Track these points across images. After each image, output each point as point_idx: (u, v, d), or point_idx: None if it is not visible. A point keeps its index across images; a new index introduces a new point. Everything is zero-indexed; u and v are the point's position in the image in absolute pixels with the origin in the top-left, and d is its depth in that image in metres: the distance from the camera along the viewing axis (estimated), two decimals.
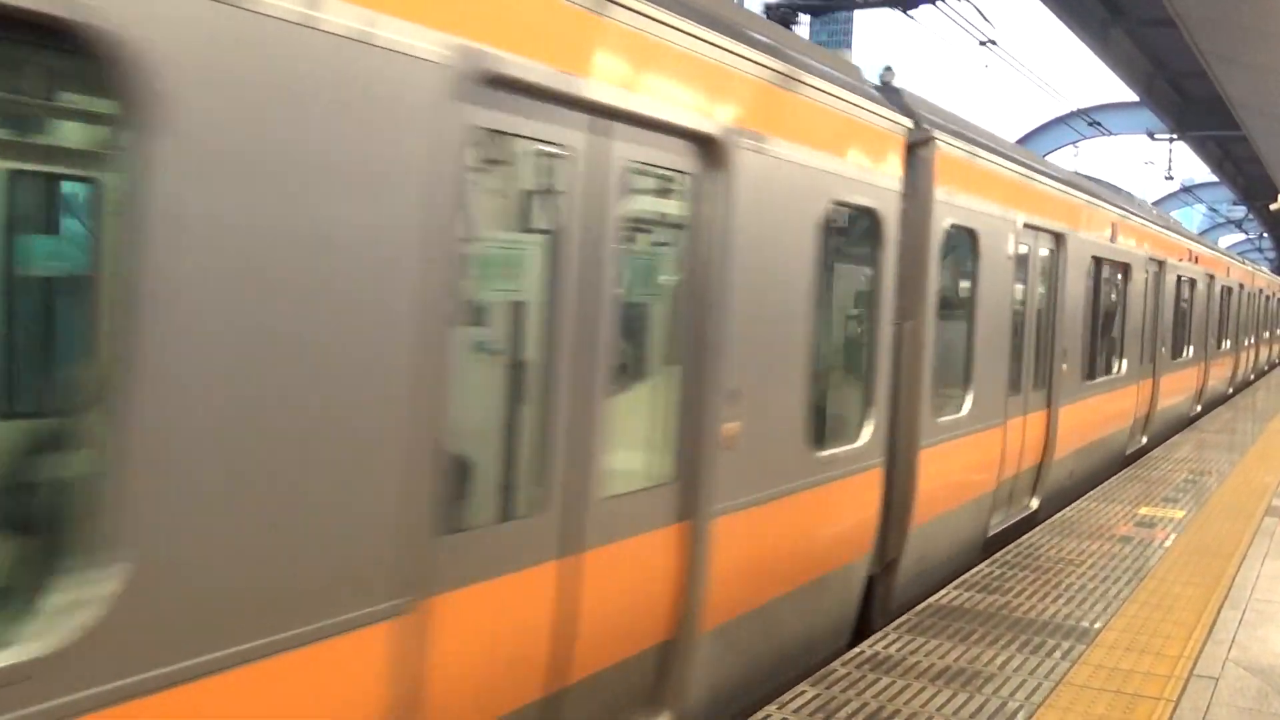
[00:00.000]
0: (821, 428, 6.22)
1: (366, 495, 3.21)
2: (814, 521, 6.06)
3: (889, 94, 7.23)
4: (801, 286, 5.70)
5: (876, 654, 6.02)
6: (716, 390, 4.95)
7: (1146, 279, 14.76)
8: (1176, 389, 17.72)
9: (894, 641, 6.26)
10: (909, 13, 11.06)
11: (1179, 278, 17.24)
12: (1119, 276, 13.44)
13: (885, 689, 5.51)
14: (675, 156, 4.68)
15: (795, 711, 5.18)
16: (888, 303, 6.87)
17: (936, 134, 7.48)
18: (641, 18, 4.34)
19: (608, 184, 4.28)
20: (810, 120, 5.72)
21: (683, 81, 4.63)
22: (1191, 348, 18.96)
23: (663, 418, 4.91)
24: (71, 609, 2.50)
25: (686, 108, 4.62)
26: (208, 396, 2.75)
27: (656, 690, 4.90)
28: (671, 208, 4.93)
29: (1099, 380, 12.53)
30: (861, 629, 6.96)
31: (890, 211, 6.75)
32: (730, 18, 5.10)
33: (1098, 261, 12.13)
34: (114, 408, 2.56)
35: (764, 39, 5.33)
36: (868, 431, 6.65)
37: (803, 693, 5.41)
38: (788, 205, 5.48)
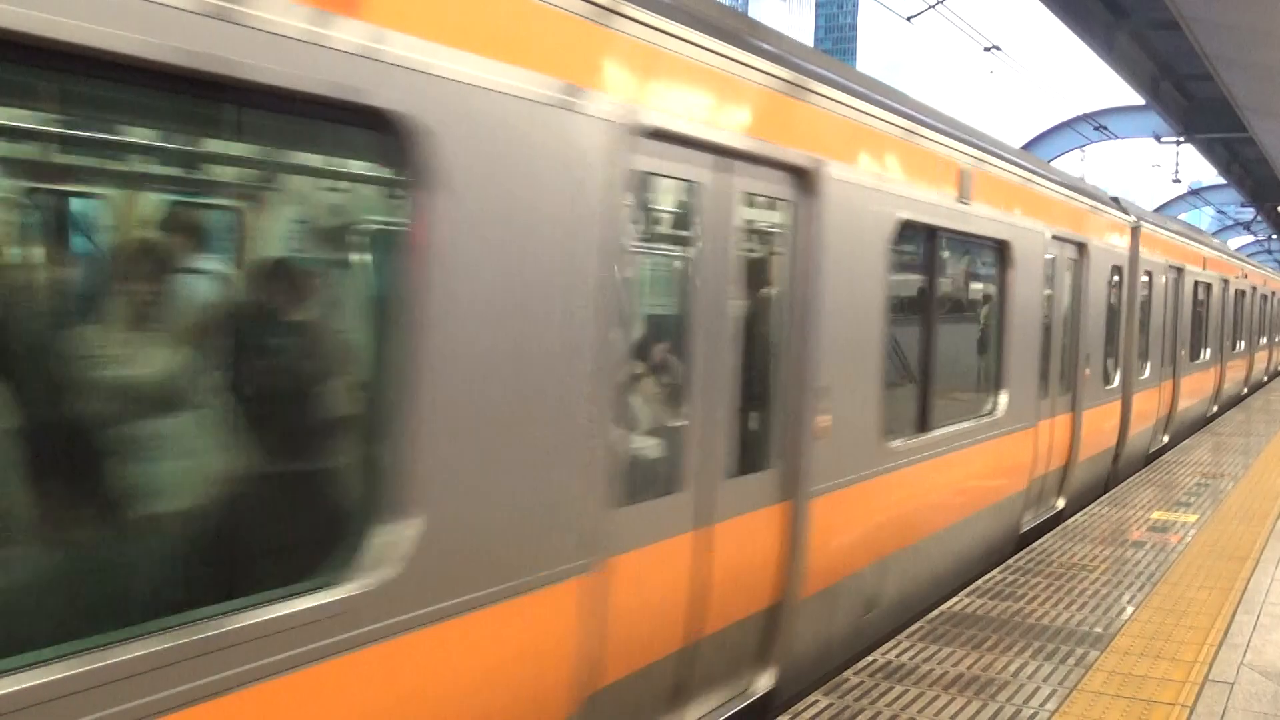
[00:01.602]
0: (890, 422, 6.81)
1: (569, 476, 4.04)
2: (885, 504, 6.73)
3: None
4: (874, 296, 6.43)
5: (890, 662, 6.01)
6: (811, 388, 5.72)
7: (1166, 285, 15.37)
8: (1195, 390, 18.39)
9: (907, 649, 6.24)
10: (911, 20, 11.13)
11: (1196, 283, 17.85)
12: (1140, 284, 13.96)
13: (899, 697, 5.49)
14: (780, 186, 5.53)
15: None
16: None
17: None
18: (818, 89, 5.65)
19: (731, 211, 5.11)
20: (884, 148, 6.50)
21: (794, 124, 5.51)
22: (1208, 350, 19.54)
23: (768, 412, 5.60)
24: (384, 552, 3.30)
25: (794, 145, 5.51)
26: (470, 398, 3.57)
27: (764, 648, 5.58)
28: (776, 228, 5.67)
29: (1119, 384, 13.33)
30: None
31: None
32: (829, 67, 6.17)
33: (1117, 270, 12.65)
34: (405, 405, 3.36)
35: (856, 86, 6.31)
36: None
37: (816, 701, 5.40)
38: (863, 225, 6.27)
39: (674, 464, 4.86)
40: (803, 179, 5.61)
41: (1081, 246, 10.89)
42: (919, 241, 7.38)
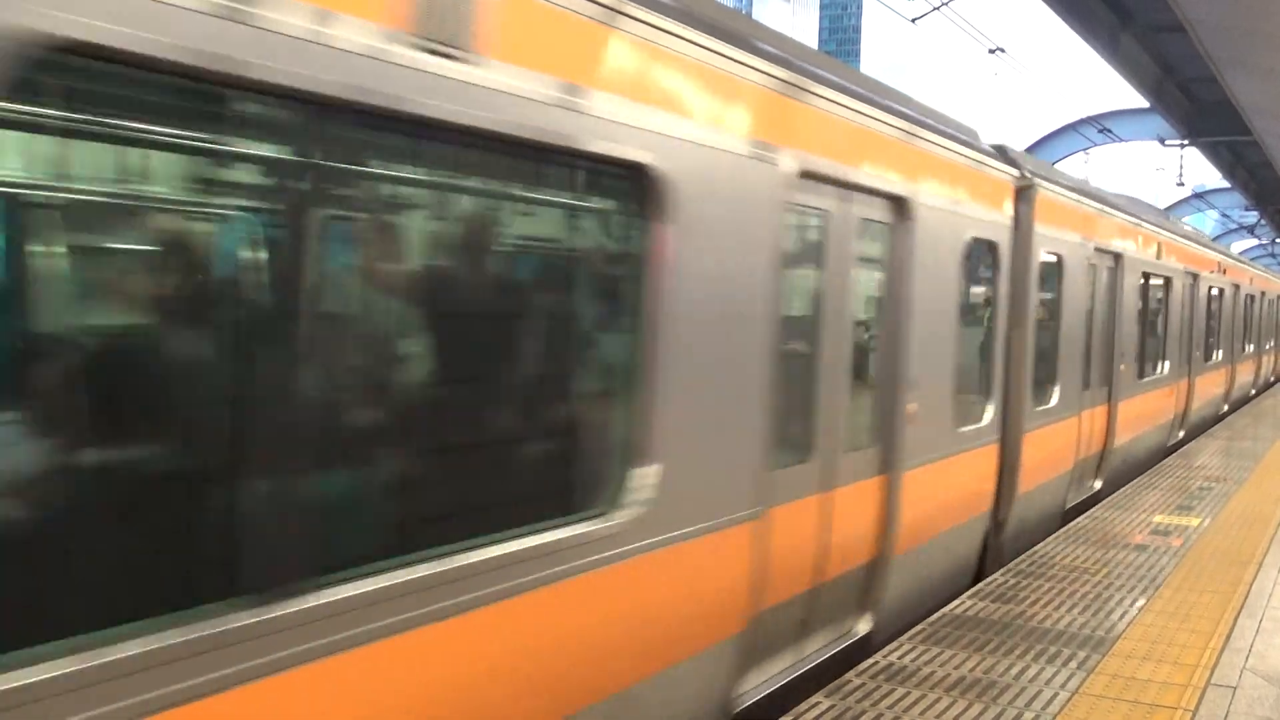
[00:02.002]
0: (960, 409, 7.86)
1: (749, 443, 5.20)
2: (957, 481, 7.87)
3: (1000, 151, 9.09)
4: (950, 300, 7.54)
5: (891, 664, 6.00)
6: (904, 379, 6.84)
7: (1183, 290, 16.32)
8: (1208, 389, 19.29)
9: (909, 652, 6.23)
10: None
11: (1210, 288, 18.62)
12: (1163, 289, 15.18)
13: (900, 699, 5.48)
14: (880, 212, 6.58)
15: None
16: (1003, 314, 8.76)
17: (1038, 181, 9.28)
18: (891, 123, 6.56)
19: (849, 233, 6.24)
20: (955, 177, 7.55)
21: (888, 159, 6.55)
22: (1220, 351, 20.30)
23: (872, 399, 6.70)
24: (637, 491, 4.43)
25: (891, 179, 6.57)
26: (689, 378, 4.68)
27: (865, 596, 6.66)
28: (878, 250, 6.73)
29: (1147, 379, 14.31)
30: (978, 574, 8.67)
31: (1004, 243, 8.62)
32: (914, 107, 7.28)
33: (1146, 276, 13.81)
34: (647, 384, 4.46)
35: (931, 121, 7.33)
36: (989, 414, 8.48)
37: (818, 704, 5.39)
38: (944, 242, 7.36)
39: (806, 439, 5.95)
40: (900, 206, 6.73)
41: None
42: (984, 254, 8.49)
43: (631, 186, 4.40)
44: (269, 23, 2.90)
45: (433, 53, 3.38)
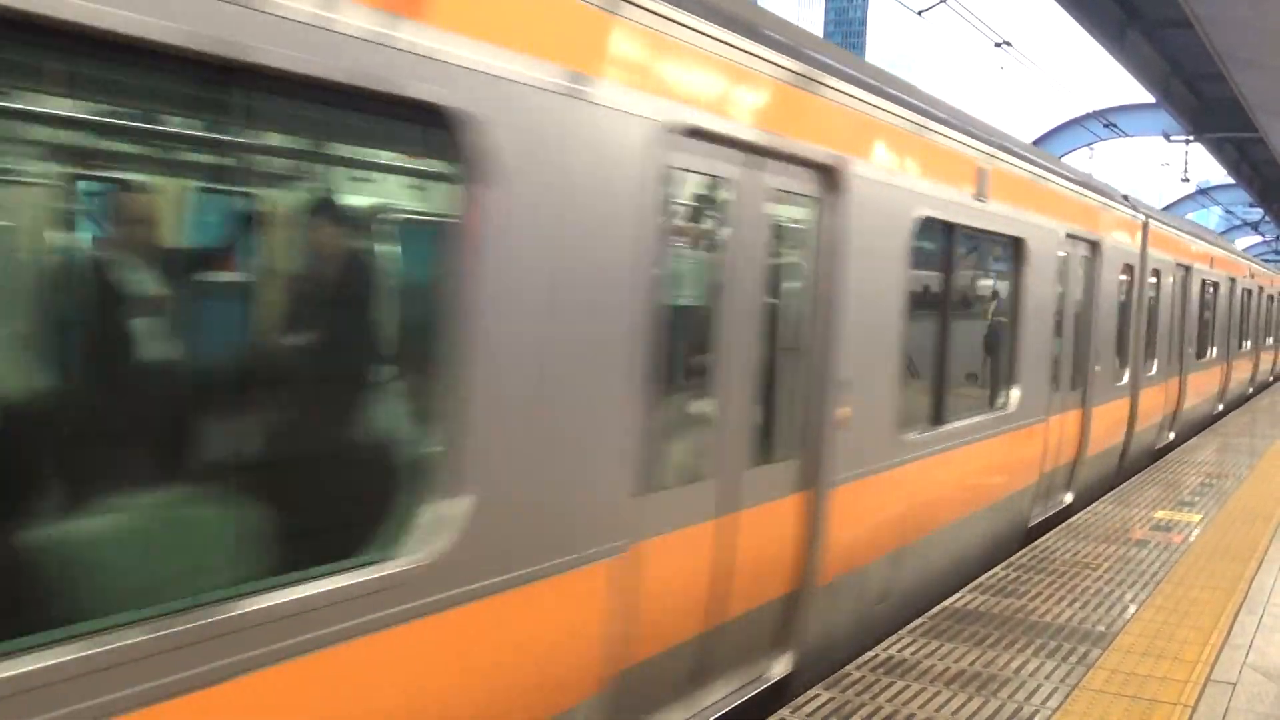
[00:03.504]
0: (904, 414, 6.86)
1: (606, 465, 4.22)
2: (901, 496, 6.88)
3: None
4: (893, 290, 6.53)
5: (891, 657, 6.01)
6: (833, 380, 5.87)
7: (1173, 283, 15.44)
8: (1201, 388, 18.38)
9: (909, 645, 6.24)
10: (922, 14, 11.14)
11: (1203, 281, 17.87)
12: (1149, 282, 13.96)
13: (900, 693, 5.49)
14: (805, 184, 5.65)
15: (810, 715, 5.17)
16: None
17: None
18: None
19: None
20: (897, 142, 6.58)
21: (819, 121, 5.65)
22: (1215, 349, 19.40)
23: (790, 404, 5.70)
24: (437, 527, 3.46)
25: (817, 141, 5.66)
26: (514, 377, 3.71)
27: (781, 634, 5.71)
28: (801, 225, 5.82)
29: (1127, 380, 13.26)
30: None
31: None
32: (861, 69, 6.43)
33: (1129, 268, 12.67)
34: (456, 387, 3.49)
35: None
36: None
37: (816, 696, 5.40)
38: (880, 222, 6.34)
39: (696, 455, 5.06)
40: (830, 176, 5.96)
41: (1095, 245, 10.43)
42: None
43: (433, 137, 3.48)
44: None
45: None
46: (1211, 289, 18.68)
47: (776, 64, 5.19)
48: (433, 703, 3.50)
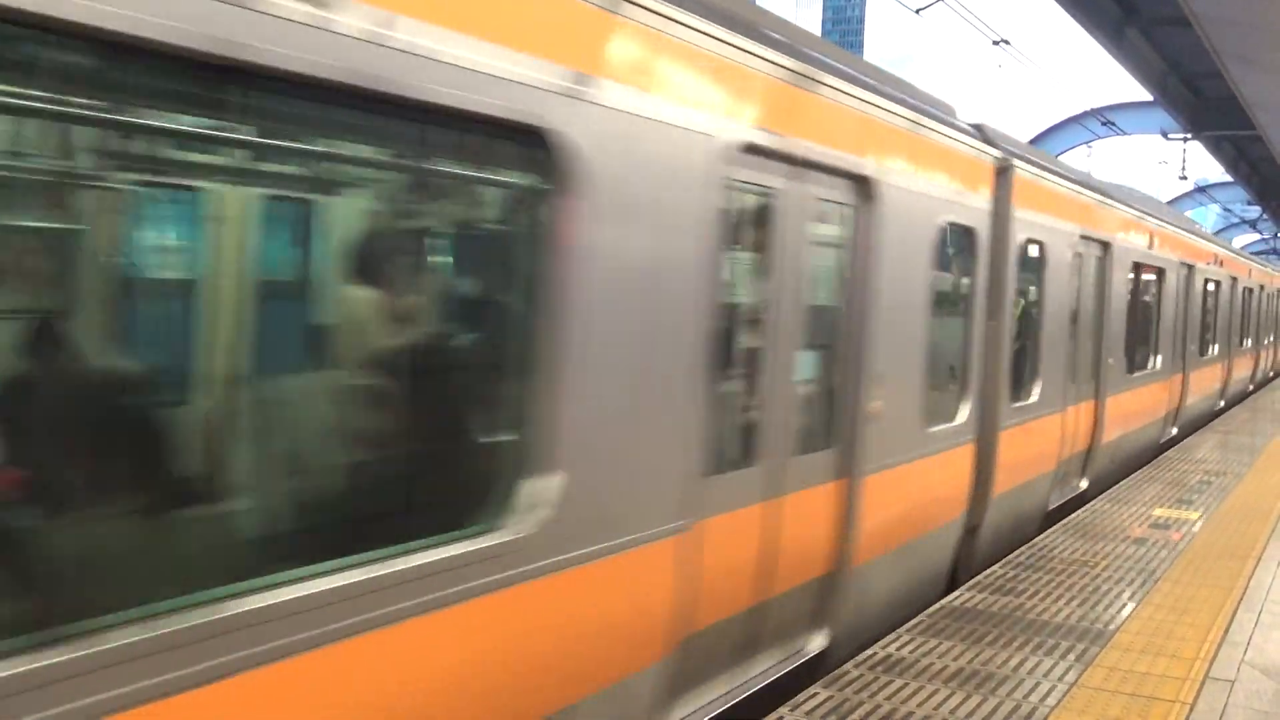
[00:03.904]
0: (932, 407, 7.30)
1: (677, 448, 4.61)
2: (926, 485, 7.33)
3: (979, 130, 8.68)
4: (920, 289, 6.95)
5: (889, 655, 6.01)
6: (868, 374, 6.26)
7: (1178, 282, 15.65)
8: (1203, 384, 18.49)
9: (907, 643, 6.24)
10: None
11: (1206, 280, 17.98)
12: (1156, 280, 14.48)
13: (898, 691, 5.49)
14: (843, 193, 6.05)
15: (809, 713, 5.17)
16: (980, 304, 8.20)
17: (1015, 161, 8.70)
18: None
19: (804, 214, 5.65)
20: (929, 157, 7.04)
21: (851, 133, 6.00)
22: (1216, 346, 19.51)
23: (829, 397, 6.13)
24: (536, 501, 3.84)
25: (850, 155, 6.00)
26: (599, 367, 4.07)
27: (818, 612, 6.07)
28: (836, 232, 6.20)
29: (1137, 374, 13.68)
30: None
31: (982, 228, 8.09)
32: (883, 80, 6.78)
33: (1138, 267, 13.14)
34: (551, 376, 3.87)
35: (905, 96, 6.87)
36: (964, 412, 7.92)
37: (815, 694, 5.40)
38: (914, 226, 6.80)
39: (747, 443, 5.41)
40: (864, 186, 6.30)
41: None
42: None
43: (532, 155, 3.84)
44: None
45: None
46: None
47: (821, 82, 5.66)
48: (535, 661, 3.91)
